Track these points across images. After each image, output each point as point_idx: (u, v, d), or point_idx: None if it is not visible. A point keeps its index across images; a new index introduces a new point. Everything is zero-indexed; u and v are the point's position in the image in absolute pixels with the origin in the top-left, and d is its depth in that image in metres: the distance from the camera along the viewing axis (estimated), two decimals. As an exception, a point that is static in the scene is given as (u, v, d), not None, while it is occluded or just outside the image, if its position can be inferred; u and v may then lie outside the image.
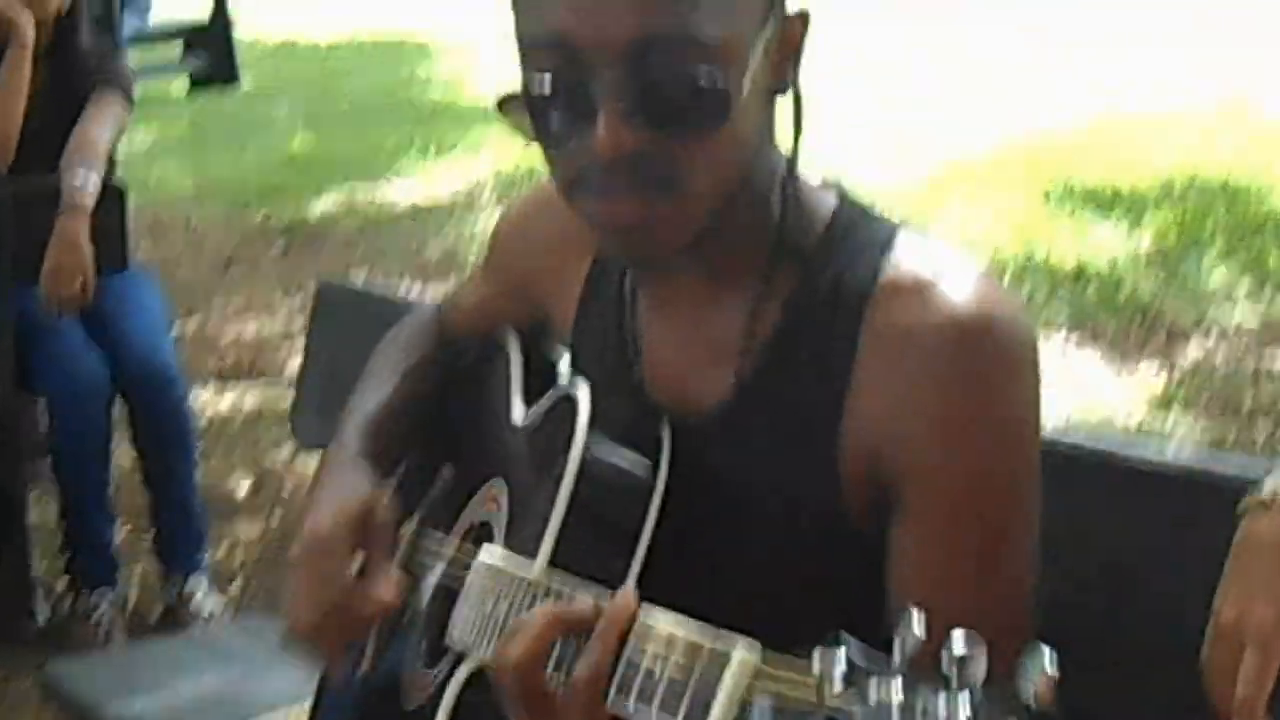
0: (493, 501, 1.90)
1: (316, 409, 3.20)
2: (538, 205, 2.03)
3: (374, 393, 2.12)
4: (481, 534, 1.87)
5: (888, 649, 1.15)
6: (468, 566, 1.75)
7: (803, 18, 1.66)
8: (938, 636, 1.13)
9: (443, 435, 2.12)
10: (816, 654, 1.16)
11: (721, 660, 1.30)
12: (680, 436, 1.73)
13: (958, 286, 1.61)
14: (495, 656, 1.51)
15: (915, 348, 1.60)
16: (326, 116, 11.33)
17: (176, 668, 3.28)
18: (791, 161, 1.72)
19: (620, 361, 1.85)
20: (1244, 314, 6.36)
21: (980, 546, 1.60)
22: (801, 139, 1.71)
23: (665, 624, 1.39)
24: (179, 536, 4.60)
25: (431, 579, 1.92)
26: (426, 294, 5.72)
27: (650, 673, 1.37)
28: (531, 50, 1.61)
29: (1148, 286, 6.68)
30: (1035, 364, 1.63)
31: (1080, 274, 6.83)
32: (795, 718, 1.20)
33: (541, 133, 1.63)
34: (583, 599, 1.50)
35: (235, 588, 4.86)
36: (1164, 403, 5.63)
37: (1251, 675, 1.48)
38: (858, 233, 1.71)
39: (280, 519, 5.26)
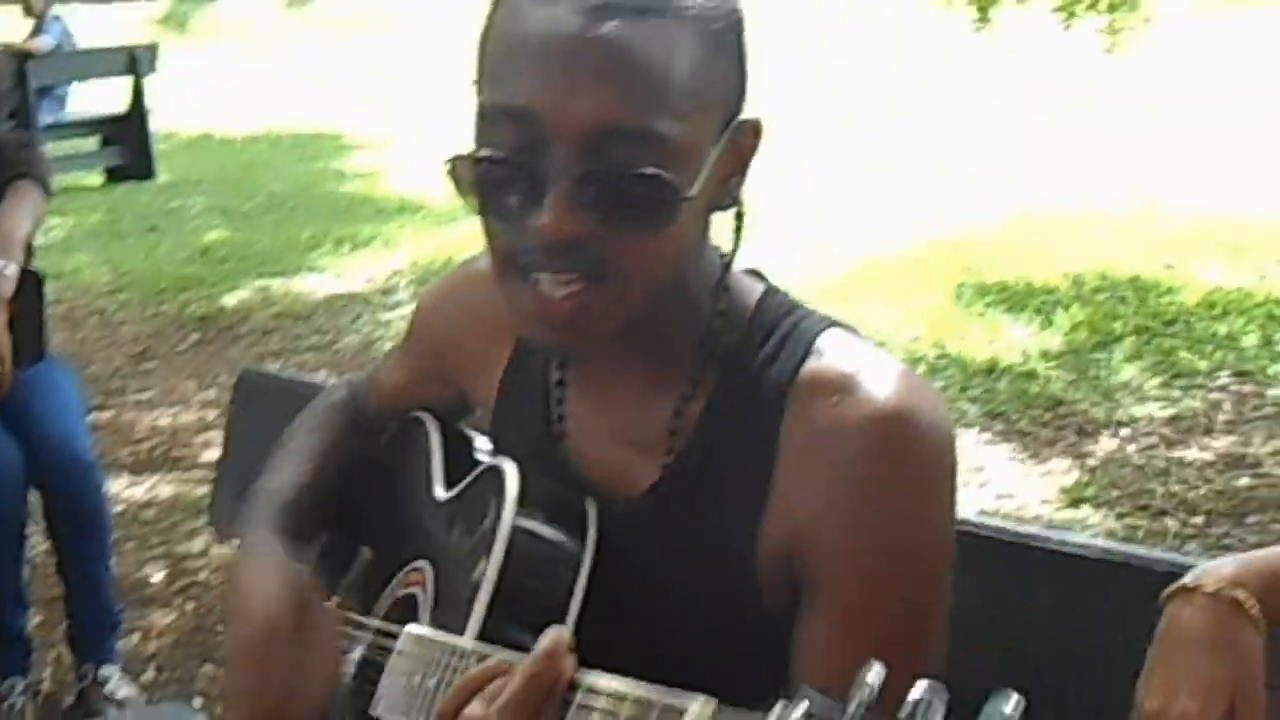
0: (416, 579, 1.90)
1: (235, 499, 3.15)
2: (461, 285, 2.03)
3: (289, 473, 2.11)
4: (405, 611, 1.87)
5: None
6: (393, 640, 1.77)
7: (755, 128, 1.67)
8: None
9: (360, 515, 2.11)
10: (779, 705, 1.19)
11: (677, 713, 1.32)
12: (606, 518, 1.75)
13: (877, 383, 1.64)
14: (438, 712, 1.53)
15: (835, 445, 1.63)
16: (241, 209, 11.34)
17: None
18: (727, 266, 1.75)
19: (545, 442, 1.86)
20: (1153, 409, 6.43)
21: (892, 635, 1.60)
22: (740, 245, 1.73)
23: (610, 681, 1.42)
24: (91, 625, 4.58)
25: (354, 656, 1.92)
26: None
27: None
28: (495, 119, 1.60)
29: (1059, 383, 6.76)
30: (952, 458, 1.66)
31: (992, 369, 6.91)
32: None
33: (487, 202, 1.63)
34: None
35: (148, 676, 4.84)
36: (1076, 498, 5.68)
37: None
38: (781, 327, 1.73)
39: (194, 608, 5.25)
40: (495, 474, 1.78)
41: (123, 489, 6.12)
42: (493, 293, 1.71)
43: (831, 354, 1.69)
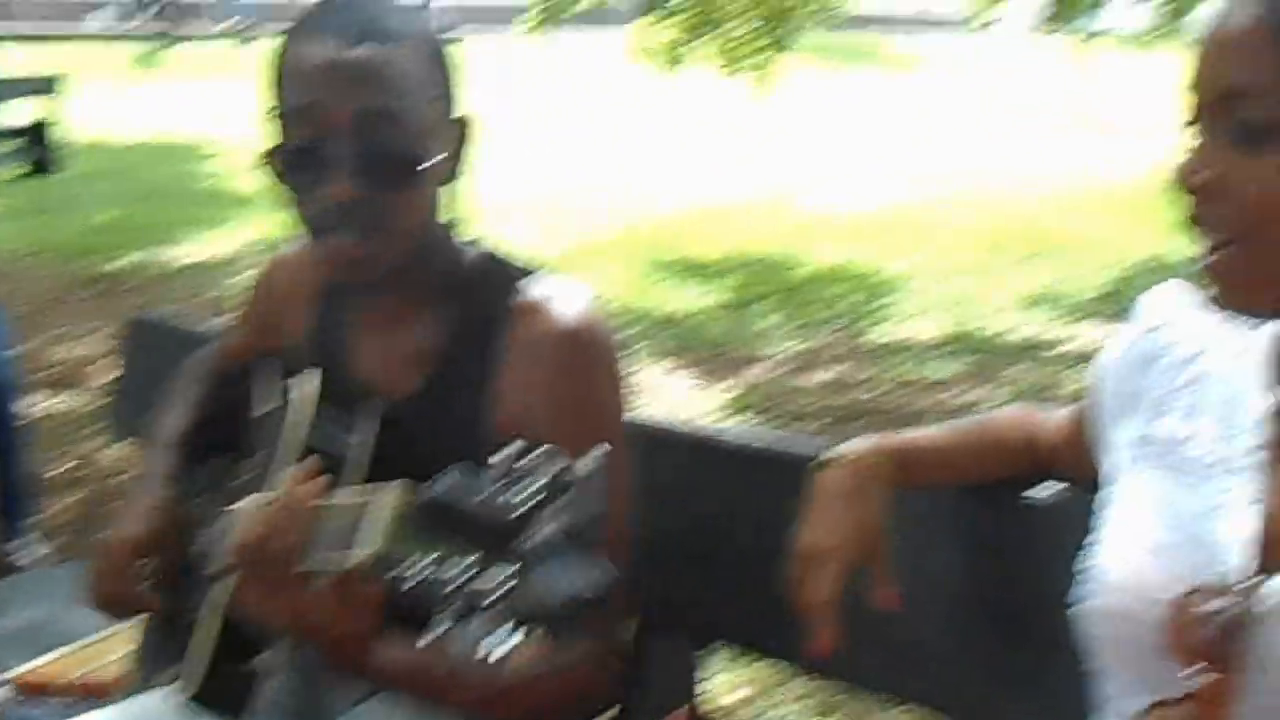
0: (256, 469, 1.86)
1: (126, 412, 3.05)
2: (276, 266, 2.05)
3: (179, 414, 2.10)
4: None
5: None
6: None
7: (472, 121, 1.74)
8: None
9: (228, 439, 2.03)
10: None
11: (381, 491, 1.40)
12: (383, 413, 1.75)
13: (566, 308, 1.70)
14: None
15: (541, 351, 1.69)
16: (129, 196, 10.92)
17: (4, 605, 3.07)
18: (453, 225, 1.79)
19: (338, 360, 1.86)
20: (787, 347, 6.49)
21: None
22: (464, 212, 1.81)
23: (344, 493, 1.47)
24: (10, 507, 4.35)
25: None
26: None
27: (328, 530, 1.44)
28: (289, 119, 1.64)
29: (719, 329, 6.77)
30: (618, 359, 1.73)
31: (671, 320, 6.89)
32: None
33: (292, 182, 1.65)
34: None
35: (56, 544, 4.61)
36: (737, 409, 5.69)
37: (820, 584, 1.49)
38: (499, 271, 1.78)
39: (88, 495, 5.01)
40: (304, 379, 1.81)
41: (39, 402, 5.82)
42: (296, 269, 1.84)
43: (536, 287, 1.74)
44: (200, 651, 1.78)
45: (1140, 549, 1.32)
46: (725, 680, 3.28)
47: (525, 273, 1.77)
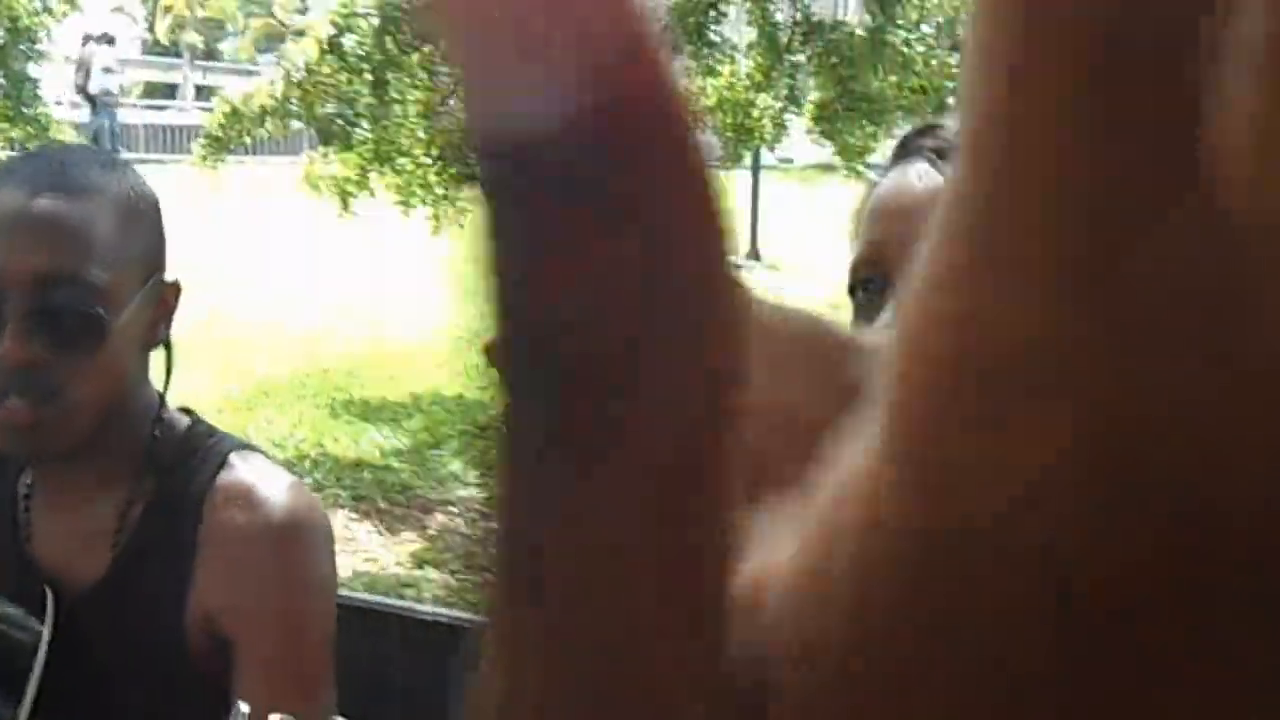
0: None
1: None
2: None
3: None
4: None
5: None
6: None
7: (175, 286, 1.67)
8: None
9: None
10: None
11: None
12: (65, 604, 1.64)
13: (271, 493, 1.63)
14: None
15: (240, 544, 1.61)
16: None
17: None
18: (162, 396, 1.69)
19: (12, 543, 1.73)
20: (473, 491, 6.46)
21: (295, 672, 1.61)
22: (171, 380, 1.71)
23: None
24: None
25: None
26: None
27: None
28: None
29: (407, 473, 6.71)
30: (330, 546, 1.67)
31: (359, 464, 6.81)
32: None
33: None
34: None
35: None
36: (421, 560, 5.64)
37: None
38: (202, 449, 1.69)
39: None
40: None
41: None
42: None
43: (238, 469, 1.66)
44: None
45: None
46: None
47: (235, 446, 1.70)
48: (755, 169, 13.73)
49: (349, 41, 7.48)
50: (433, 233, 9.01)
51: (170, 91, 28.11)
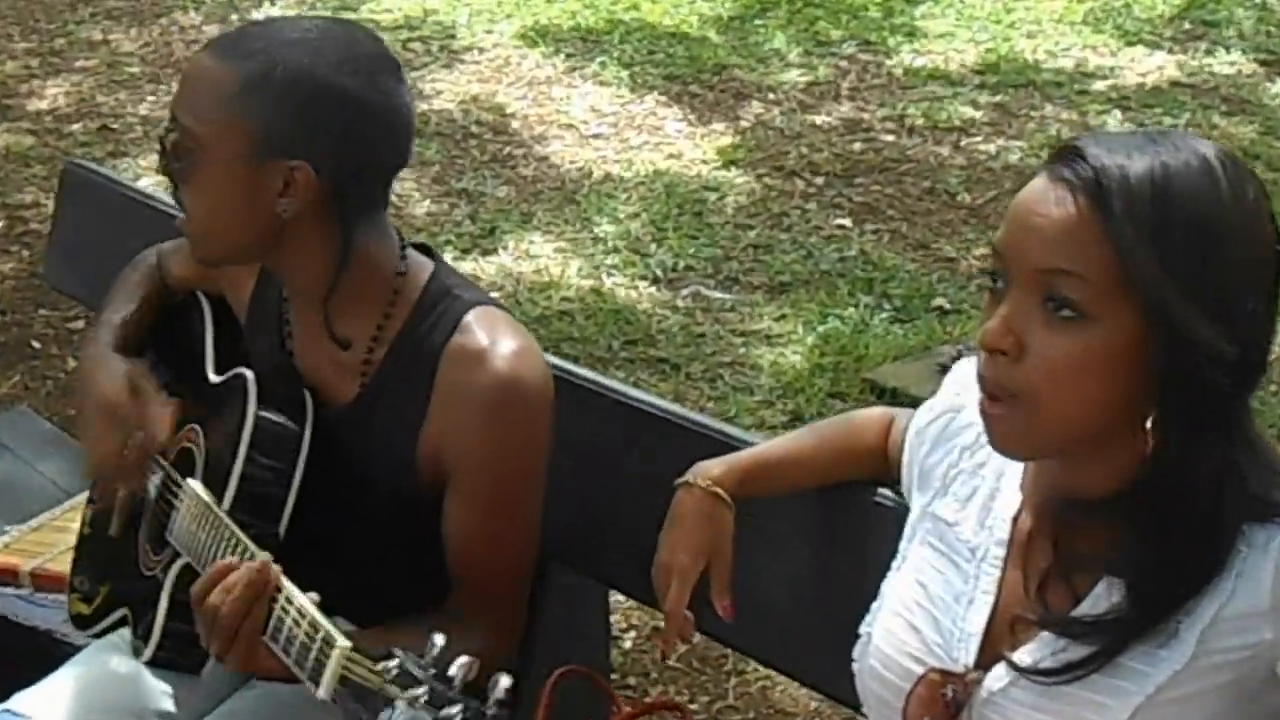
0: (192, 437, 2.07)
1: (62, 260, 3.20)
2: None
3: (118, 309, 2.29)
4: (185, 462, 2.06)
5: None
6: (178, 485, 1.99)
7: None
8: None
9: (160, 361, 2.26)
10: (399, 653, 1.45)
11: (330, 641, 1.56)
12: (319, 417, 1.98)
13: (500, 357, 1.92)
14: (193, 592, 1.77)
15: (468, 398, 1.92)
16: None
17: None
18: (404, 248, 2.01)
19: (279, 354, 2.07)
20: (791, 78, 6.08)
21: (500, 515, 1.96)
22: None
23: (298, 597, 1.67)
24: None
25: (154, 481, 2.08)
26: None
27: (289, 630, 1.65)
28: None
29: (724, 49, 6.31)
30: (547, 412, 1.96)
31: (675, 34, 6.44)
32: (363, 692, 1.49)
33: None
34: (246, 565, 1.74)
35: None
36: (729, 160, 5.40)
37: (675, 594, 1.81)
38: (440, 304, 1.98)
39: (29, 255, 4.87)
40: (241, 379, 1.99)
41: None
42: None
43: (471, 332, 1.94)
44: (155, 615, 2.02)
45: (903, 621, 1.60)
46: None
47: (472, 304, 1.98)
48: None
49: None
50: None
51: None
